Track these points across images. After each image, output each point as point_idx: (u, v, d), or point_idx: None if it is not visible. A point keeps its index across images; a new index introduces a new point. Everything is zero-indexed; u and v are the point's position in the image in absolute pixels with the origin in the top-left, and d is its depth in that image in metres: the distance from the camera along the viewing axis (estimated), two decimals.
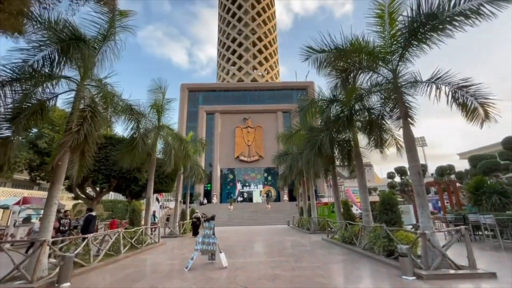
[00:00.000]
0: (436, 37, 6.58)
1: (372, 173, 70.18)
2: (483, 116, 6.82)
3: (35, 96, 7.80)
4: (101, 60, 7.76)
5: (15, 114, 7.42)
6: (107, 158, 17.07)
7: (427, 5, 6.20)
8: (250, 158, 46.19)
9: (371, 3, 7.16)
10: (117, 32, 7.70)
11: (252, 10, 68.19)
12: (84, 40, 7.13)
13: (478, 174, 22.74)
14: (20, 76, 6.93)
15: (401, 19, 7.04)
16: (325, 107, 10.60)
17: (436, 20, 6.14)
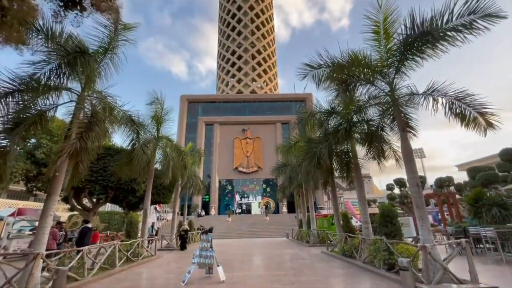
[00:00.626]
0: (430, 51, 6.75)
1: (371, 184, 69.91)
2: (484, 125, 6.87)
3: (35, 106, 7.85)
4: (102, 72, 7.87)
5: (14, 124, 7.44)
6: (105, 168, 16.97)
7: (420, 21, 6.40)
8: (249, 169, 46.03)
9: (366, 19, 7.39)
10: (119, 45, 7.85)
11: (251, 24, 69.91)
12: (88, 53, 7.26)
13: (477, 186, 22.72)
14: (22, 87, 6.99)
15: (396, 35, 7.25)
16: (324, 119, 10.70)
17: (430, 35, 6.33)
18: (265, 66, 69.88)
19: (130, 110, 9.67)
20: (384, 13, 7.13)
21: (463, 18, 5.70)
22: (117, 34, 7.72)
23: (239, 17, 70.10)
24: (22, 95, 7.12)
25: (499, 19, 5.39)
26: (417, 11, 6.35)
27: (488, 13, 5.37)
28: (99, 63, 7.58)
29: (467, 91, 6.76)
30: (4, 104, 6.89)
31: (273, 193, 44.38)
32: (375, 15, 7.26)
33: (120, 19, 7.36)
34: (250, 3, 70.23)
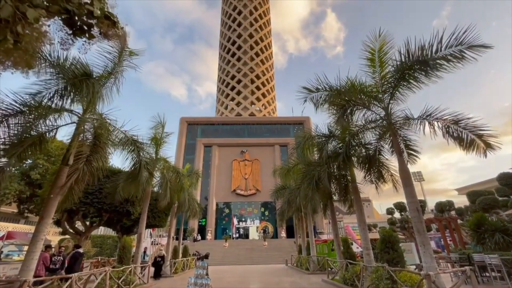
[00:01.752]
0: (424, 79, 7.05)
1: (371, 208, 68.77)
2: (483, 146, 6.95)
3: (36, 127, 7.90)
4: (105, 94, 8.06)
5: (13, 145, 7.44)
6: (101, 190, 16.68)
7: (413, 50, 6.75)
8: (247, 192, 45.38)
9: (362, 47, 7.79)
10: (123, 69, 8.12)
11: (250, 51, 72.87)
12: (92, 77, 7.49)
13: (477, 210, 22.44)
14: (24, 109, 7.11)
15: (390, 62, 7.60)
16: (323, 142, 10.81)
17: (422, 64, 6.65)
18: (264, 90, 71.76)
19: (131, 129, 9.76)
20: (380, 43, 7.53)
21: (451, 48, 6.04)
22: (121, 59, 8.02)
23: (239, 44, 73.25)
24: (24, 117, 7.21)
25: (485, 48, 5.71)
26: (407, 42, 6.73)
27: (473, 45, 5.71)
28: (102, 86, 7.79)
29: (462, 114, 6.95)
30: (6, 125, 6.95)
31: (271, 216, 43.39)
32: (372, 43, 7.65)
33: (126, 46, 7.69)
34: (249, 32, 73.80)
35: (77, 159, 7.43)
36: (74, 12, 6.78)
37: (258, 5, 76.92)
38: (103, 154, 7.84)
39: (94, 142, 7.60)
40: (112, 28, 7.48)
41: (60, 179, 7.69)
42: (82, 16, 7.04)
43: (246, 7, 75.22)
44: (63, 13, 6.54)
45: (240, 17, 74.56)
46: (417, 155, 8.33)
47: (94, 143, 7.55)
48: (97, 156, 7.42)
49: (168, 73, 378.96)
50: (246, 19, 74.47)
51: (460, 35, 5.83)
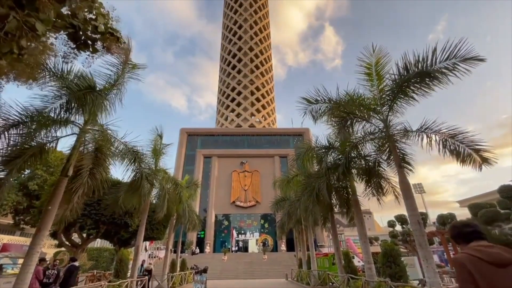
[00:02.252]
0: (420, 91, 7.16)
1: (372, 221, 67.87)
2: (480, 161, 6.96)
3: (37, 138, 7.94)
4: (107, 106, 8.14)
5: (13, 156, 7.45)
6: (99, 202, 16.52)
7: (408, 64, 6.90)
8: (247, 204, 44.91)
9: (358, 63, 7.96)
10: (125, 82, 8.24)
11: (251, 63, 74.14)
12: (96, 89, 7.61)
13: (479, 223, 22.14)
14: (27, 120, 7.17)
15: (387, 75, 7.74)
16: (322, 154, 10.83)
17: (417, 77, 6.78)
18: (264, 101, 72.47)
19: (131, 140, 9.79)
20: (375, 58, 7.71)
21: (446, 62, 6.19)
22: (124, 72, 8.16)
23: (240, 57, 74.63)
24: (25, 128, 7.26)
25: (478, 61, 5.85)
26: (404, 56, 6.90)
27: (466, 58, 5.86)
28: (104, 98, 7.89)
29: (459, 128, 7.02)
30: (7, 136, 6.99)
31: (271, 229, 42.75)
32: (368, 58, 7.83)
33: (130, 59, 7.85)
34: (250, 45, 75.36)
35: (77, 171, 7.41)
36: (79, 27, 6.98)
37: (258, 20, 78.96)
38: (104, 165, 7.83)
39: (95, 153, 7.60)
40: (115, 42, 7.68)
41: (59, 190, 7.64)
42: (87, 31, 7.25)
43: (247, 22, 77.17)
44: (69, 28, 6.74)
45: (241, 31, 76.35)
46: (413, 168, 8.33)
47: (95, 154, 7.56)
48: (98, 167, 7.41)
49: (169, 84, 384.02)
50: (247, 33, 76.22)
51: (454, 49, 5.98)
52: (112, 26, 7.49)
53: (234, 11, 78.96)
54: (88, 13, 7.02)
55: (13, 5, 4.53)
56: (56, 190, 7.71)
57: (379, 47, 7.62)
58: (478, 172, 6.86)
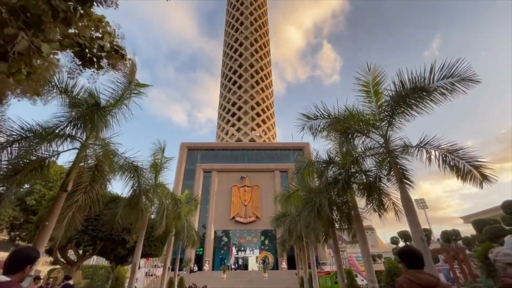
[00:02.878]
0: (418, 108, 7.27)
1: (374, 237, 66.45)
2: (480, 178, 6.91)
3: (37, 153, 7.96)
4: (110, 121, 8.23)
5: (13, 171, 7.44)
6: (97, 217, 16.28)
7: (405, 81, 7.05)
8: (247, 219, 44.17)
9: (356, 80, 8.13)
10: (130, 99, 8.36)
11: (251, 79, 75.57)
12: (101, 106, 7.73)
13: (485, 240, 21.69)
14: (29, 135, 7.23)
15: (385, 92, 7.89)
16: (322, 168, 10.80)
17: (414, 94, 6.91)
18: (264, 116, 73.17)
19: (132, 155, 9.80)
20: (372, 75, 7.89)
21: (443, 80, 6.33)
22: (130, 90, 8.28)
23: (240, 73, 76.21)
24: (27, 142, 7.31)
25: (474, 83, 6.00)
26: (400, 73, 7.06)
27: (462, 77, 6.01)
28: (108, 114, 7.99)
29: (459, 144, 7.04)
30: (9, 152, 7.03)
31: (271, 245, 41.78)
32: (365, 76, 8.02)
33: (135, 79, 8.02)
34: (250, 62, 77.15)
35: (77, 186, 7.37)
36: (86, 46, 7.20)
37: (258, 38, 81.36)
38: (104, 180, 7.80)
39: (96, 168, 7.60)
40: (120, 60, 7.90)
41: (57, 206, 7.56)
42: (93, 49, 7.47)
43: (247, 39, 79.48)
44: (75, 47, 6.95)
45: (242, 48, 78.45)
46: (413, 184, 8.29)
47: (95, 169, 7.55)
48: (98, 182, 7.38)
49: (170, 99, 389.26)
50: (247, 50, 78.28)
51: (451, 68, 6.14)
52: (117, 43, 7.74)
53: (235, 29, 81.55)
54: (94, 32, 7.27)
55: (23, 26, 4.71)
56: (55, 205, 7.63)
57: (374, 66, 7.83)
58: (480, 187, 6.80)
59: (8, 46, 4.64)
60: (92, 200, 7.51)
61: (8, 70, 4.25)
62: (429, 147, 7.50)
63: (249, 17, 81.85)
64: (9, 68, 4.28)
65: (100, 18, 7.08)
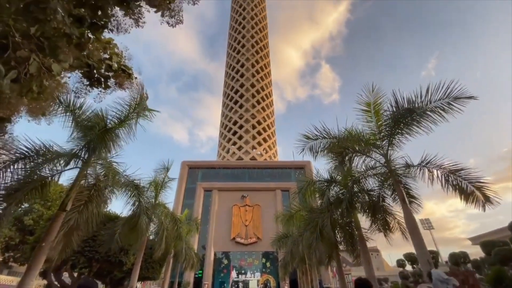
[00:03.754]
0: (417, 128, 7.36)
1: (380, 259, 64.10)
2: (482, 199, 6.80)
3: (40, 172, 7.95)
4: (115, 141, 8.29)
5: (13, 189, 7.40)
6: (94, 238, 15.89)
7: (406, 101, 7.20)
8: (247, 240, 42.93)
9: (357, 99, 8.32)
10: (136, 119, 8.46)
11: (252, 99, 77.00)
12: (106, 127, 7.86)
13: (495, 263, 20.89)
14: (33, 154, 7.29)
15: (385, 113, 8.01)
16: (324, 188, 10.71)
17: (414, 114, 7.03)
18: (265, 135, 73.65)
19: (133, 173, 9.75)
20: (374, 97, 8.07)
21: (439, 101, 6.47)
22: (137, 112, 8.40)
23: (242, 92, 77.81)
24: (31, 161, 7.35)
25: (469, 99, 6.12)
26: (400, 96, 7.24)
27: (458, 96, 6.15)
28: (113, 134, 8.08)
29: (460, 164, 7.02)
30: (12, 170, 7.05)
31: (273, 268, 40.23)
32: (366, 97, 8.19)
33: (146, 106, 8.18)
34: (251, 82, 79.06)
35: (77, 205, 7.29)
36: (94, 66, 7.47)
37: (259, 59, 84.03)
38: (104, 199, 7.73)
39: (96, 187, 7.56)
40: (127, 79, 8.14)
41: (55, 225, 7.44)
42: (100, 69, 7.73)
43: (249, 61, 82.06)
44: (84, 67, 7.21)
45: (243, 69, 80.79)
46: (420, 203, 8.16)
47: (96, 188, 7.51)
48: (98, 202, 7.31)
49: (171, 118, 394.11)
50: (249, 71, 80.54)
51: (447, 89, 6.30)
52: (124, 63, 8.01)
53: (237, 51, 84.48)
54: (102, 53, 7.56)
55: (35, 48, 4.93)
56: (53, 225, 7.50)
57: (376, 88, 8.02)
58: (483, 209, 6.67)
59: (20, 67, 4.83)
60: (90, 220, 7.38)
61: (20, 90, 4.39)
62: (431, 166, 7.48)
63: (251, 40, 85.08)
64: (22, 88, 4.43)
65: (108, 41, 7.41)
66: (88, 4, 4.34)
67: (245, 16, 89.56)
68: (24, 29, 4.57)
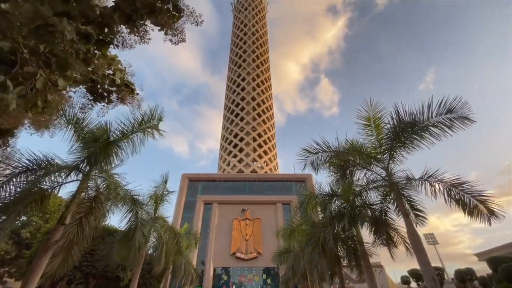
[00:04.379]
0: (417, 142, 7.39)
1: (384, 275, 62.20)
2: (487, 213, 6.70)
3: (40, 185, 7.94)
4: (118, 155, 8.31)
5: (13, 202, 7.36)
6: (92, 252, 15.60)
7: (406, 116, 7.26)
8: (248, 256, 41.97)
9: (357, 114, 8.40)
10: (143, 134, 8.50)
11: (253, 112, 77.73)
12: (110, 140, 7.92)
13: (502, 280, 20.30)
14: (34, 167, 7.31)
15: (385, 126, 8.07)
16: (326, 201, 10.60)
17: (415, 128, 7.08)
18: (266, 147, 73.76)
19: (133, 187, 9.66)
20: (373, 111, 8.16)
21: (441, 116, 6.54)
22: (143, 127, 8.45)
23: (243, 106, 78.68)
24: (32, 174, 7.36)
25: (469, 121, 6.20)
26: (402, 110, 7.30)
27: (460, 115, 6.22)
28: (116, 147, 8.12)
29: (462, 178, 6.97)
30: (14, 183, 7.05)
31: (274, 285, 39.07)
32: (366, 111, 8.27)
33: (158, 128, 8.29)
34: (252, 95, 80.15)
35: (75, 219, 7.22)
36: (98, 81, 7.64)
37: (260, 73, 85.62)
38: (104, 213, 7.67)
39: (96, 200, 7.52)
40: (129, 94, 8.29)
41: (53, 239, 7.34)
42: (104, 84, 7.90)
43: (250, 75, 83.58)
44: (88, 82, 7.37)
45: (244, 83, 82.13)
46: (424, 216, 8.04)
47: (95, 201, 7.46)
48: (98, 215, 7.24)
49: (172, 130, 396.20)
50: (249, 85, 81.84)
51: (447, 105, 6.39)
52: (127, 79, 8.20)
53: (238, 65, 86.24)
54: (107, 69, 7.76)
55: (42, 64, 5.08)
56: (51, 239, 7.39)
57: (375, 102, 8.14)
58: (488, 223, 6.55)
59: (27, 83, 4.96)
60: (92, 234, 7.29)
61: (26, 105, 4.48)
62: (432, 180, 7.44)
63: (252, 55, 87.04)
64: (27, 103, 4.52)
65: (113, 57, 7.62)
66: (96, 22, 4.51)
67: (246, 32, 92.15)
68: (33, 47, 4.73)
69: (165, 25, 4.98)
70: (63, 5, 3.72)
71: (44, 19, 3.49)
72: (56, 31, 3.60)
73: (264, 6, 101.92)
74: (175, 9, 4.77)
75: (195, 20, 5.29)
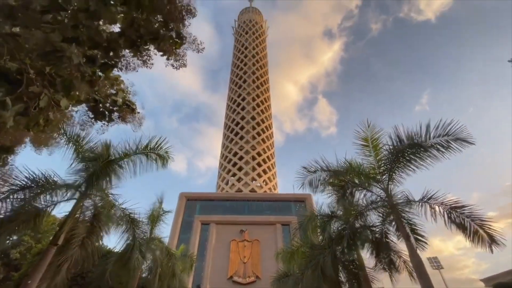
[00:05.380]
0: (416, 163, 7.42)
1: None
2: (488, 240, 6.51)
3: (35, 203, 7.81)
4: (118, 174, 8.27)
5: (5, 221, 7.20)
6: (84, 276, 14.92)
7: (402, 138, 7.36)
8: (246, 280, 40.26)
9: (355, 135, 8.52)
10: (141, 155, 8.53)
11: (252, 131, 78.41)
12: (110, 159, 7.94)
13: None
14: (32, 185, 7.25)
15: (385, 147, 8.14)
16: (325, 223, 10.41)
17: (412, 149, 7.14)
18: (265, 166, 73.50)
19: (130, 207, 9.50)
20: (371, 132, 8.27)
21: (439, 138, 6.64)
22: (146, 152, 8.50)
23: (242, 125, 79.52)
24: (29, 192, 7.28)
25: (468, 143, 6.29)
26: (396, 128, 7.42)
27: (457, 137, 6.32)
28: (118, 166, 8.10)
29: (462, 201, 6.90)
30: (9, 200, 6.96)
31: None
32: (364, 132, 8.39)
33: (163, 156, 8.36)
34: (252, 115, 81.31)
35: (68, 240, 7.03)
36: (100, 101, 7.79)
37: (260, 93, 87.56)
38: (98, 234, 7.49)
39: (92, 220, 7.37)
40: (130, 113, 8.43)
41: (44, 261, 7.09)
42: (106, 103, 8.05)
43: (250, 95, 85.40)
44: (91, 102, 7.52)
45: (244, 102, 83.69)
46: (426, 241, 7.86)
47: (91, 222, 7.31)
48: (92, 236, 7.06)
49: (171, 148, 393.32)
50: (249, 104, 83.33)
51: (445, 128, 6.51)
52: (129, 99, 8.37)
53: (239, 86, 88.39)
54: (109, 89, 7.95)
55: (47, 84, 5.22)
56: (42, 260, 7.15)
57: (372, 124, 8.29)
58: (490, 250, 6.35)
59: (31, 102, 5.06)
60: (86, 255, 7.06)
61: (27, 123, 4.55)
62: (432, 202, 7.37)
63: (252, 76, 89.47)
64: (29, 122, 4.59)
65: (116, 77, 7.84)
66: (102, 47, 4.70)
67: (247, 54, 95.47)
68: (39, 68, 4.89)
69: (167, 51, 5.20)
70: (73, 31, 3.91)
71: (53, 45, 3.66)
72: (64, 56, 3.76)
73: (264, 30, 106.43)
74: (178, 37, 5.00)
75: (197, 48, 5.54)
